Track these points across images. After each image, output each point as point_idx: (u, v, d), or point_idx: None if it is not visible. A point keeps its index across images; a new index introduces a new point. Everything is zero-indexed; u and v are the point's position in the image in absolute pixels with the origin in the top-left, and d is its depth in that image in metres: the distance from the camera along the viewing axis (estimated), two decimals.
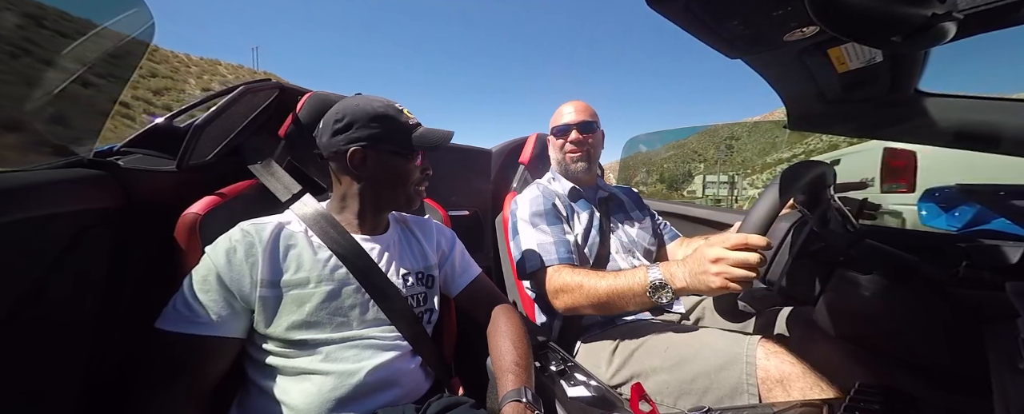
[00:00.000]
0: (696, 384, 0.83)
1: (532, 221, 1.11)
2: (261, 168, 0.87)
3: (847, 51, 0.76)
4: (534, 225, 1.11)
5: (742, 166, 48.61)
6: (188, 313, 0.63)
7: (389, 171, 0.79)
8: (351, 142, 0.75)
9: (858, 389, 0.56)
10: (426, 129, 0.81)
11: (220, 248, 0.68)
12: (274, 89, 0.98)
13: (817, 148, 38.21)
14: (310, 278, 0.70)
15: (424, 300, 0.83)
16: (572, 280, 0.97)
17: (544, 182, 1.28)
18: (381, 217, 0.85)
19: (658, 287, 0.87)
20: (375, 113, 0.77)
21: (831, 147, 25.31)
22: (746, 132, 59.60)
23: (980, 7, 0.55)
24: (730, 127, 61.38)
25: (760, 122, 55.74)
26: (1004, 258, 0.83)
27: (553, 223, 1.11)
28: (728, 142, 62.52)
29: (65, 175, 0.65)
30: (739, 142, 61.34)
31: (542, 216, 1.11)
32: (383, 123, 0.77)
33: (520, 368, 0.77)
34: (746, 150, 57.83)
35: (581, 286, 0.95)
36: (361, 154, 0.76)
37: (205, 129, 0.80)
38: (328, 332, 0.70)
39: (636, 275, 0.90)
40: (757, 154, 53.90)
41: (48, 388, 0.61)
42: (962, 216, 1.78)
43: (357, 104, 0.78)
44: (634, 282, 0.89)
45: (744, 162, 52.61)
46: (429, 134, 0.80)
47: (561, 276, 1.00)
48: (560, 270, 1.01)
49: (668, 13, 0.63)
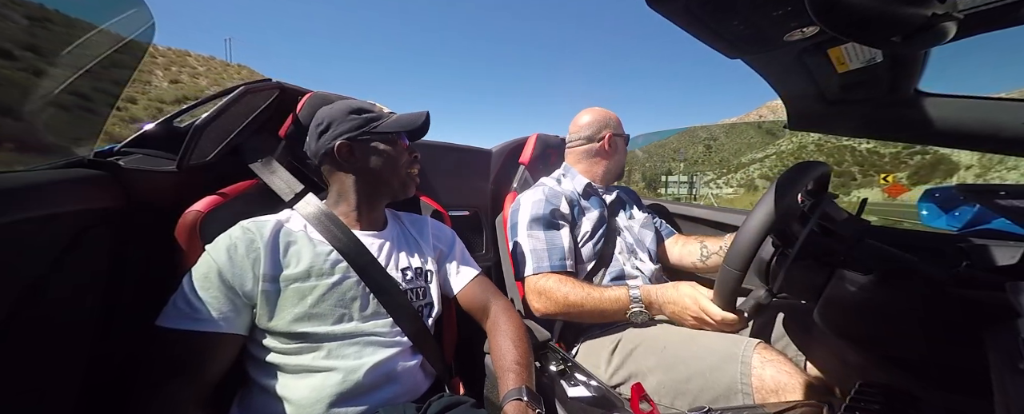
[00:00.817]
0: (691, 384, 0.83)
1: (530, 226, 1.12)
2: (262, 167, 0.87)
3: (847, 51, 0.76)
4: (531, 230, 1.12)
5: (720, 165, 49.40)
6: (189, 310, 0.63)
7: (378, 157, 0.82)
8: (335, 138, 0.80)
9: (858, 389, 0.56)
10: (401, 114, 0.87)
11: (221, 246, 0.68)
12: (274, 89, 0.98)
13: (787, 150, 38.84)
14: (311, 272, 0.71)
15: (423, 294, 0.84)
16: (557, 289, 1.03)
17: (551, 181, 1.28)
18: (378, 210, 0.87)
19: (634, 315, 0.99)
20: (350, 108, 0.82)
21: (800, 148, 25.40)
22: (723, 133, 60.63)
23: (980, 7, 0.55)
24: (708, 128, 62.40)
25: (737, 123, 56.83)
26: (1004, 258, 0.83)
27: (550, 229, 1.12)
28: (707, 142, 63.22)
29: (65, 175, 0.65)
30: (717, 142, 62.39)
31: (540, 221, 1.12)
32: (360, 114, 0.82)
33: (521, 367, 0.77)
34: (723, 150, 58.74)
35: (566, 298, 1.01)
36: (347, 146, 0.80)
37: (205, 129, 0.80)
38: (329, 325, 0.70)
39: (618, 295, 1.00)
40: (733, 154, 54.84)
41: (48, 388, 0.61)
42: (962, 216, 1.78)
43: (332, 106, 0.84)
44: (616, 306, 1.00)
45: (722, 161, 53.48)
46: (404, 117, 0.85)
47: (548, 282, 1.04)
48: (548, 277, 1.05)
49: (668, 13, 0.63)
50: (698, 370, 0.83)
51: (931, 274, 0.67)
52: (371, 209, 0.85)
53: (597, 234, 1.17)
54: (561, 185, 1.26)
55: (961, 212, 1.81)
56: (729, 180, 36.84)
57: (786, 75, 0.87)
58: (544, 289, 1.04)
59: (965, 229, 1.58)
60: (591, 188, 1.26)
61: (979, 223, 1.54)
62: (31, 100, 0.68)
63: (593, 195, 1.25)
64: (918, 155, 71.43)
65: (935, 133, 0.91)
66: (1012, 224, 1.22)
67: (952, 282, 0.65)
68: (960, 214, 1.81)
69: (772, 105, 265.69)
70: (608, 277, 1.14)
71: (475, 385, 0.90)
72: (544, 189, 1.19)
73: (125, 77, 0.82)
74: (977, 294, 0.60)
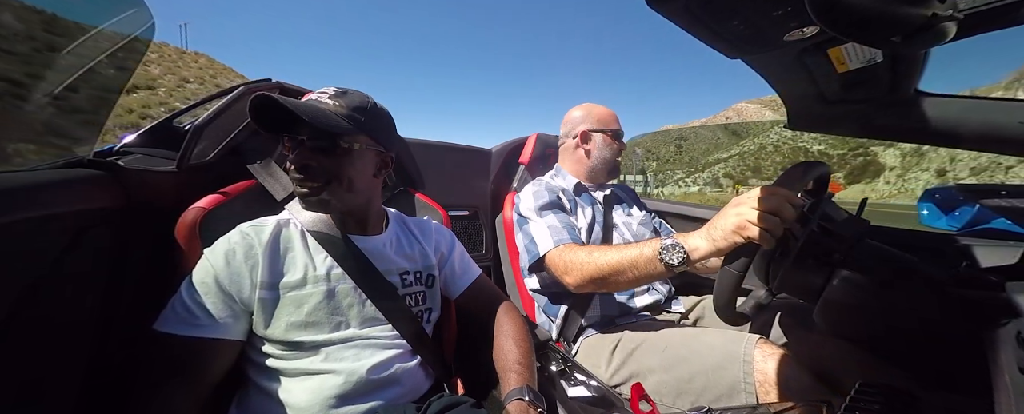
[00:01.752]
0: (693, 383, 0.83)
1: (540, 210, 1.11)
2: (260, 168, 0.87)
3: (847, 51, 0.76)
4: (542, 213, 1.11)
5: (689, 164, 50.75)
6: (187, 315, 0.63)
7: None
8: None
9: (858, 389, 0.56)
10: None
11: (219, 250, 0.67)
12: (274, 89, 0.98)
13: (749, 150, 40.18)
14: (307, 279, 0.70)
15: (422, 299, 0.83)
16: (584, 254, 0.95)
17: (545, 179, 1.29)
18: (367, 215, 0.80)
19: (669, 248, 0.81)
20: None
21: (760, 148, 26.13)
22: (693, 134, 62.02)
23: (980, 7, 0.55)
24: (679, 129, 63.72)
25: (705, 125, 58.37)
26: (1004, 258, 0.83)
27: (560, 212, 1.12)
28: (677, 142, 64.61)
29: (65, 175, 0.65)
30: (687, 142, 63.97)
31: (549, 206, 1.12)
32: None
33: (523, 366, 0.77)
34: (693, 150, 60.03)
35: (592, 256, 0.93)
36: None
37: (205, 129, 0.80)
38: (327, 332, 0.70)
39: (649, 242, 0.87)
40: (702, 153, 56.20)
41: (48, 388, 0.60)
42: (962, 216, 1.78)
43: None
44: (645, 247, 0.86)
45: (691, 160, 54.84)
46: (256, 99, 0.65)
47: (574, 253, 0.97)
48: (572, 247, 1.00)
49: (668, 13, 0.63)
50: (700, 369, 0.83)
51: (931, 274, 0.67)
52: (356, 214, 0.79)
53: (592, 231, 1.17)
54: (554, 182, 1.27)
55: (961, 212, 1.81)
56: (696, 179, 38.20)
57: (786, 75, 0.87)
58: (570, 261, 0.97)
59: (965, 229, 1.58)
60: (581, 187, 1.25)
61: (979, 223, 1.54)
62: (31, 100, 0.68)
63: (584, 193, 1.25)
64: (860, 158, 74.90)
65: (935, 133, 0.91)
66: (1012, 224, 1.23)
67: (952, 282, 0.65)
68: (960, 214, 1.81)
69: (738, 107, 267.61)
70: None
71: (476, 385, 0.90)
72: (541, 182, 1.21)
73: (125, 77, 0.82)
74: (977, 294, 0.60)
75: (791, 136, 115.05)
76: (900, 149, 67.62)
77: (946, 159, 53.87)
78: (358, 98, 0.72)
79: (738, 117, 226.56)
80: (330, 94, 0.71)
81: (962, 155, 50.75)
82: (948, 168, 53.24)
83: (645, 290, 1.15)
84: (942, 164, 54.10)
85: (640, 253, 0.85)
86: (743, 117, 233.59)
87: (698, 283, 1.43)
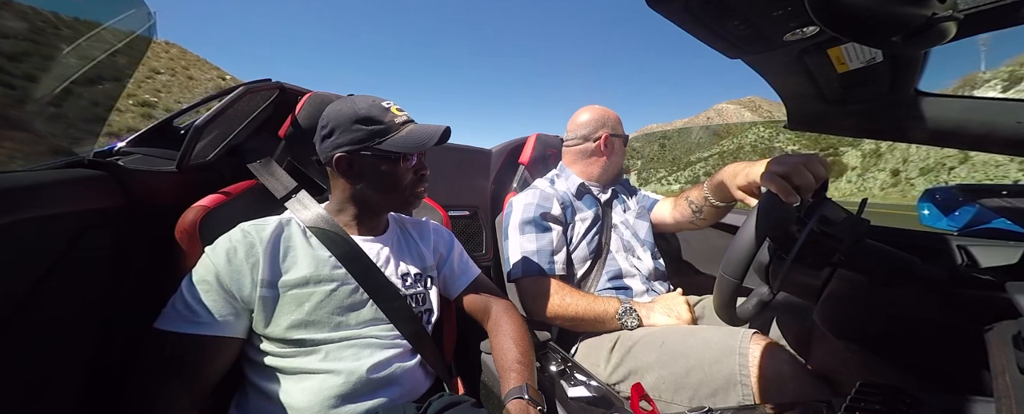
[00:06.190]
0: (690, 378, 0.83)
1: (521, 228, 1.13)
2: (260, 167, 0.87)
3: (847, 51, 0.76)
4: (522, 233, 1.12)
5: (672, 163, 51.44)
6: (187, 313, 0.63)
7: (379, 175, 0.76)
8: (335, 148, 0.74)
9: (858, 389, 0.56)
10: (415, 127, 0.77)
11: (220, 249, 0.68)
12: (274, 89, 0.98)
13: (728, 150, 40.62)
14: (309, 278, 0.70)
15: (423, 300, 0.83)
16: (555, 294, 1.04)
17: (544, 183, 1.28)
18: (379, 219, 0.85)
19: (627, 312, 1.01)
20: (357, 116, 0.74)
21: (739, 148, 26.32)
22: (676, 133, 62.57)
23: (980, 7, 0.55)
24: (663, 129, 64.38)
25: (687, 125, 59.07)
26: (1004, 258, 0.83)
27: (541, 231, 1.12)
28: (661, 142, 65.22)
29: (65, 175, 0.65)
30: (670, 142, 64.56)
31: (530, 224, 1.12)
32: (366, 125, 0.74)
33: (522, 366, 0.77)
34: (676, 148, 60.52)
35: (562, 298, 1.03)
36: (347, 159, 0.75)
37: (205, 129, 0.80)
38: (327, 332, 0.70)
39: (612, 302, 1.03)
40: (684, 152, 56.73)
41: (48, 388, 0.60)
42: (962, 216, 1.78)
43: (339, 108, 0.76)
44: (609, 306, 1.02)
45: (674, 159, 55.47)
46: (415, 133, 0.75)
47: (544, 286, 1.06)
48: (538, 280, 1.07)
49: (668, 13, 0.63)
50: (697, 363, 0.84)
51: (931, 274, 0.66)
52: (371, 217, 0.83)
53: (591, 233, 1.17)
54: (554, 186, 1.26)
55: (961, 212, 1.81)
56: (677, 178, 39.00)
57: (786, 75, 0.87)
58: (538, 293, 1.05)
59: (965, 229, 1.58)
60: (585, 188, 1.25)
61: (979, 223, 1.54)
62: (32, 100, 0.68)
63: (586, 194, 1.25)
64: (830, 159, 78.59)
65: (935, 133, 0.91)
66: (1012, 224, 1.23)
67: (952, 282, 0.65)
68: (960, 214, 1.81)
69: (719, 108, 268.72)
70: (605, 276, 1.14)
71: (475, 385, 0.90)
72: (535, 192, 1.19)
73: (125, 77, 0.82)
74: (977, 294, 0.60)
75: (767, 136, 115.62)
76: (861, 150, 68.71)
77: (900, 160, 55.07)
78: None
79: (719, 118, 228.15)
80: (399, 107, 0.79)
81: (914, 156, 52.09)
82: (901, 168, 54.66)
83: (645, 291, 1.15)
84: (896, 165, 55.62)
85: (604, 311, 1.02)
86: (724, 118, 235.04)
87: (698, 283, 1.43)
